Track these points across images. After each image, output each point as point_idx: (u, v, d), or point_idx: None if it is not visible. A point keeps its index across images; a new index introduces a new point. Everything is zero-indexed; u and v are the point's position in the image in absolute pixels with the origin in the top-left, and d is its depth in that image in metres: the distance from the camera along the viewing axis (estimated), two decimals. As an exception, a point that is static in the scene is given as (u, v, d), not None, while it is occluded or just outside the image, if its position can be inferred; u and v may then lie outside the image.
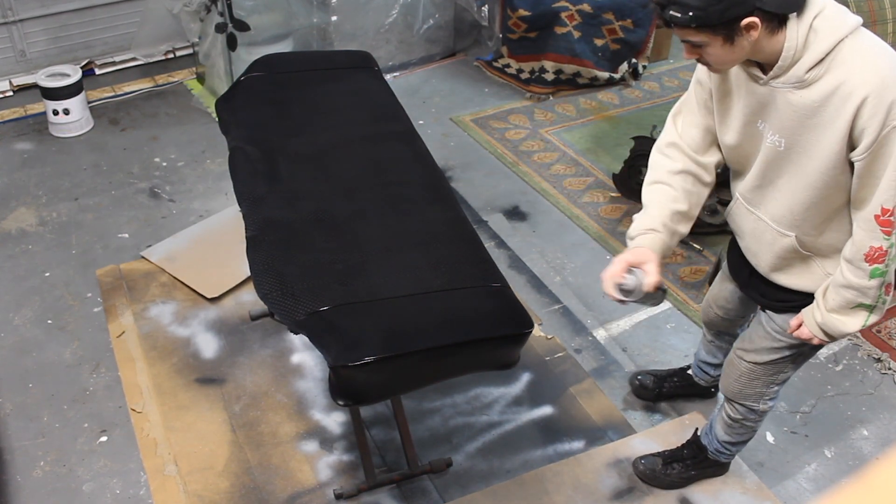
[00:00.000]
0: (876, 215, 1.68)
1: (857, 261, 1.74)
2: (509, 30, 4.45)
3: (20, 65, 4.18)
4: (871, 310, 1.80)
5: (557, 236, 3.39)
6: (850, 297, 1.79)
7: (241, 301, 2.98)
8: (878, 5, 3.13)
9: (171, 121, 4.02)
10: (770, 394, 2.13)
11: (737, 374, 2.12)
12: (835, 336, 1.85)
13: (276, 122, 2.45)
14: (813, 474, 2.48)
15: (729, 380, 2.16)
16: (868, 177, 1.66)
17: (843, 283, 1.78)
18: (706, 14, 1.53)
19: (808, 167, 1.72)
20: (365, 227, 2.13)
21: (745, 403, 2.15)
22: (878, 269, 1.73)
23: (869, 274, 1.74)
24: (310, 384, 2.68)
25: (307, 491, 2.36)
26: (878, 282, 1.75)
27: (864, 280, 1.75)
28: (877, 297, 1.78)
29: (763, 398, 2.13)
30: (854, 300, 1.79)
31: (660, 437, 2.52)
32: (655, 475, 2.40)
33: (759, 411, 2.16)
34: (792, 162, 1.75)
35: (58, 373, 2.71)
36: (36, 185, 3.56)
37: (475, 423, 2.58)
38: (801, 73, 1.62)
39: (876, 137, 1.59)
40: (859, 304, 1.79)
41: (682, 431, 2.52)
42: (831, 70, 1.61)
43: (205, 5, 3.90)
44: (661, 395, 2.65)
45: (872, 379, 2.79)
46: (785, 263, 1.91)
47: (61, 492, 2.35)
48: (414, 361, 1.86)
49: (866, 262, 1.73)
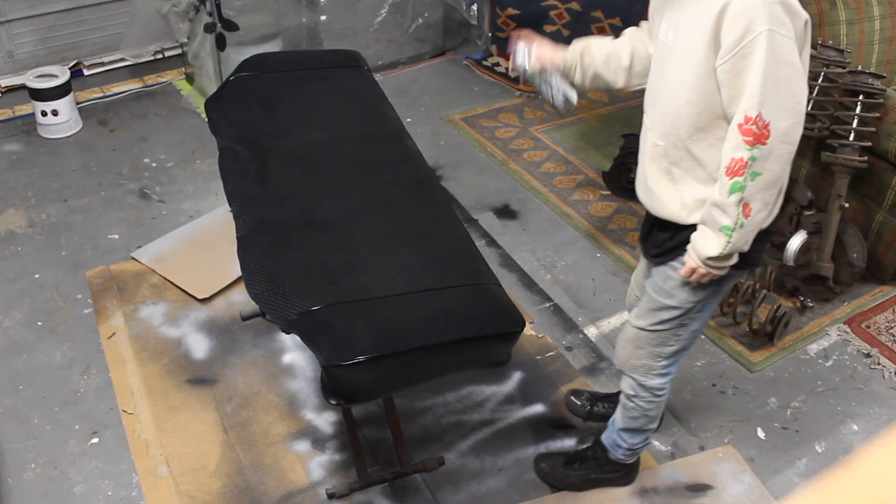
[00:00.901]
0: (739, 124, 1.65)
1: (721, 174, 1.71)
2: (498, 28, 4.45)
3: (8, 66, 4.16)
4: (730, 233, 1.74)
5: (548, 234, 3.40)
6: (713, 214, 1.75)
7: (231, 301, 2.98)
8: (866, 2, 3.14)
9: (161, 121, 4.01)
10: (657, 368, 2.10)
11: (624, 341, 2.13)
12: (702, 258, 1.79)
13: (266, 122, 2.45)
14: (804, 469, 2.49)
15: (618, 347, 2.16)
16: (732, 87, 1.64)
17: (710, 199, 1.75)
18: None
19: (685, 66, 1.71)
20: (356, 227, 2.13)
21: (634, 376, 2.12)
22: (737, 183, 1.68)
23: (729, 188, 1.69)
24: (301, 384, 2.68)
25: (299, 491, 2.36)
26: (737, 198, 1.69)
27: (725, 196, 1.70)
28: (735, 218, 1.72)
29: (651, 372, 2.10)
30: (716, 219, 1.74)
31: (690, 469, 2.45)
32: (555, 474, 2.36)
33: (649, 387, 2.12)
34: (674, 60, 1.75)
35: (48, 374, 2.70)
36: (25, 186, 3.55)
37: (467, 421, 2.59)
38: None
39: (736, 43, 1.60)
40: (722, 227, 1.74)
41: (714, 464, 2.46)
42: None
43: (193, 5, 3.89)
44: (593, 415, 2.55)
45: (862, 374, 2.80)
46: (654, 182, 1.89)
47: (53, 494, 2.35)
48: (406, 360, 1.87)
49: (727, 176, 1.69)
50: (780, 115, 1.63)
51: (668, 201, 1.88)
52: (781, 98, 1.63)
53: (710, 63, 1.66)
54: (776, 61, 1.60)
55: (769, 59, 1.59)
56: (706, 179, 1.80)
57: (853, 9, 3.12)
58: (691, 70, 1.70)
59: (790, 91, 1.63)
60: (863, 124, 2.89)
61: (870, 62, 3.17)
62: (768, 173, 1.68)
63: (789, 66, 1.62)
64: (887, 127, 2.87)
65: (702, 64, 1.67)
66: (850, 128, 2.90)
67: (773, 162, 1.67)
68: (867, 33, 3.14)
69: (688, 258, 1.84)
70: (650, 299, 2.03)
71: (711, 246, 1.77)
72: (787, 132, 1.65)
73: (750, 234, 1.76)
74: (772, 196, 1.74)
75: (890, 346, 2.89)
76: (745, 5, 1.58)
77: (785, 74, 1.62)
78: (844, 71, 2.92)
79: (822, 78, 2.94)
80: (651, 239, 2.01)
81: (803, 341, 2.92)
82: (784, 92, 1.63)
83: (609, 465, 2.33)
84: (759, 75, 1.60)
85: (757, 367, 2.80)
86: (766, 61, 1.59)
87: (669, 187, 1.87)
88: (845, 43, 3.10)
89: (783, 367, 2.82)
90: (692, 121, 1.75)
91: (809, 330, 2.97)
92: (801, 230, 3.00)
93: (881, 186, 2.98)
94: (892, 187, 2.95)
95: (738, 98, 1.64)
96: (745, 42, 1.59)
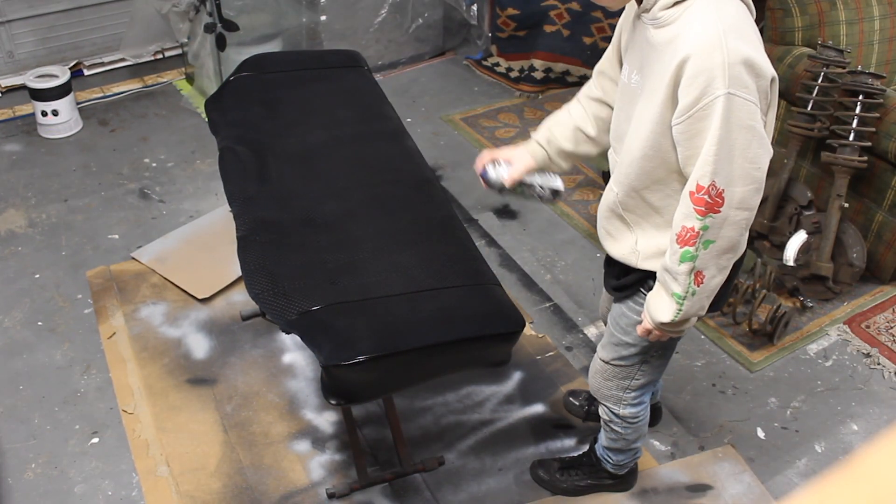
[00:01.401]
0: (691, 191, 1.55)
1: (672, 241, 1.62)
2: (498, 28, 4.45)
3: (8, 66, 4.16)
4: (681, 301, 1.65)
5: (548, 234, 3.40)
6: (665, 278, 1.67)
7: (232, 301, 2.98)
8: (865, 2, 3.14)
9: (161, 121, 4.01)
10: (627, 399, 2.07)
11: (593, 371, 2.10)
12: (655, 323, 1.73)
13: (266, 122, 2.45)
14: (803, 469, 2.49)
15: (590, 375, 2.13)
16: (688, 148, 1.54)
17: (663, 262, 1.67)
18: None
19: (645, 116, 1.61)
20: (356, 227, 2.13)
21: (606, 405, 2.10)
22: (688, 253, 1.59)
23: (679, 257, 1.61)
24: (301, 384, 2.68)
25: (299, 490, 2.36)
26: (688, 267, 1.60)
27: (675, 264, 1.62)
28: (686, 287, 1.63)
29: (621, 402, 2.07)
30: (668, 284, 1.66)
31: (689, 469, 2.45)
32: (551, 480, 2.35)
33: (622, 416, 2.10)
34: (637, 105, 1.65)
35: (49, 374, 2.70)
36: (25, 186, 3.55)
37: (467, 421, 2.59)
38: (657, 10, 1.54)
39: (692, 105, 1.49)
40: (674, 293, 1.66)
41: (714, 464, 2.46)
42: (683, 18, 1.51)
43: (193, 5, 3.89)
44: (591, 415, 2.56)
45: (862, 374, 2.80)
46: (609, 223, 1.83)
47: (53, 494, 2.35)
48: (406, 360, 1.87)
49: (677, 244, 1.60)
50: (736, 182, 1.53)
51: (621, 242, 1.82)
52: (738, 165, 1.52)
53: (666, 119, 1.57)
54: (734, 127, 1.48)
55: (725, 126, 1.48)
56: (664, 226, 1.73)
57: (853, 9, 3.12)
58: (648, 124, 1.61)
59: (748, 157, 1.52)
60: (863, 124, 2.89)
61: (870, 62, 3.17)
62: (723, 240, 1.59)
63: (748, 132, 1.50)
64: (887, 127, 2.87)
65: (657, 120, 1.58)
66: (849, 128, 2.90)
67: (728, 229, 1.58)
68: (867, 33, 3.14)
69: (644, 317, 1.79)
70: (610, 332, 1.99)
71: (664, 312, 1.70)
72: (744, 199, 1.55)
73: (705, 300, 1.68)
74: (728, 261, 1.64)
75: (890, 346, 2.89)
76: (705, 64, 1.46)
77: (743, 140, 1.50)
78: (844, 71, 2.93)
79: (822, 78, 2.94)
80: (609, 270, 1.96)
81: (803, 341, 2.92)
82: (741, 159, 1.51)
83: (603, 472, 2.32)
84: (714, 142, 1.49)
85: (757, 367, 2.80)
86: (721, 128, 1.48)
87: (624, 229, 1.81)
88: (845, 43, 3.10)
89: (783, 367, 2.82)
90: (648, 174, 1.68)
91: (809, 330, 2.97)
92: (801, 230, 3.00)
93: (881, 186, 2.98)
94: (891, 187, 2.95)
95: (692, 160, 1.55)
96: (701, 104, 1.48)
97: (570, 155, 1.97)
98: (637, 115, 1.66)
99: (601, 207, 1.86)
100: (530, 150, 1.97)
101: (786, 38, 3.17)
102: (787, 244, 2.97)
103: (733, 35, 1.47)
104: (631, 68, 1.68)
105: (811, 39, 3.13)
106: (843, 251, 3.00)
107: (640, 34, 1.63)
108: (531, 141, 1.99)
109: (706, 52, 1.46)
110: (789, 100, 3.14)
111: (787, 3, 3.12)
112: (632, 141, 1.68)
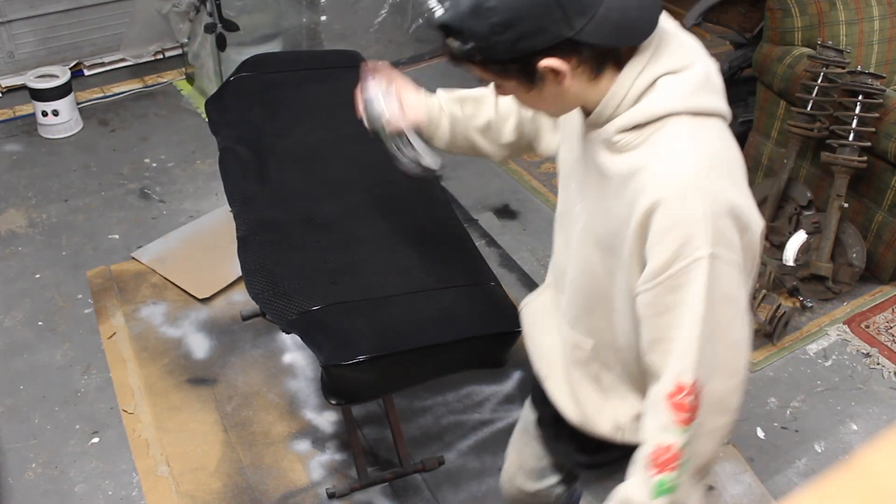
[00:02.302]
0: (668, 393, 1.12)
1: (638, 465, 1.18)
2: (498, 29, 4.44)
3: (8, 66, 4.16)
4: None
5: (548, 234, 3.37)
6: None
7: (232, 301, 2.98)
8: (865, 2, 3.15)
9: (161, 121, 4.01)
10: None
11: None
12: None
13: (266, 122, 2.45)
14: (803, 469, 2.49)
15: None
16: (655, 329, 1.14)
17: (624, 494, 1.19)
18: (489, 45, 1.07)
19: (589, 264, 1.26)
20: (356, 227, 2.14)
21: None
22: (663, 484, 1.14)
23: (652, 490, 1.14)
24: (301, 384, 2.68)
25: (300, 490, 2.36)
26: (664, 501, 1.15)
27: (646, 499, 1.15)
28: None
29: None
30: None
31: None
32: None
33: None
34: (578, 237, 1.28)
35: (49, 374, 2.70)
36: (25, 186, 3.55)
37: (467, 421, 2.59)
38: (612, 132, 1.14)
39: (664, 268, 1.09)
40: None
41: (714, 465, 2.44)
42: (647, 144, 1.12)
43: (194, 6, 3.89)
44: None
45: (861, 374, 2.81)
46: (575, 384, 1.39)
47: (53, 493, 2.35)
48: (406, 360, 1.87)
49: (648, 471, 1.15)
50: (716, 376, 1.14)
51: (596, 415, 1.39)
52: (719, 352, 1.13)
53: (629, 279, 1.17)
54: (718, 301, 1.10)
55: (709, 300, 1.09)
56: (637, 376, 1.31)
57: (853, 9, 3.12)
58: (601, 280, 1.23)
59: (730, 341, 1.14)
60: (862, 124, 2.89)
61: (869, 62, 3.17)
62: (697, 458, 1.17)
63: (731, 306, 1.12)
64: (887, 127, 2.87)
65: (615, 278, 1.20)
66: (849, 128, 2.90)
67: (704, 441, 1.16)
68: (867, 34, 3.15)
69: None
70: None
71: None
72: (724, 398, 1.16)
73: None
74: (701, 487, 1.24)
75: (889, 346, 2.89)
76: (680, 215, 1.07)
77: (725, 318, 1.12)
78: (844, 71, 2.93)
79: (822, 78, 2.94)
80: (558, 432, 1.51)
81: (803, 341, 2.92)
82: (722, 343, 1.13)
83: None
84: (696, 323, 1.09)
85: (757, 367, 2.81)
86: (704, 303, 1.09)
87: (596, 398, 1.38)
88: (845, 43, 3.10)
89: (783, 366, 2.83)
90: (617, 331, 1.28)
91: (809, 330, 2.97)
92: (801, 230, 3.00)
93: (881, 186, 2.98)
94: (891, 187, 2.95)
95: (660, 347, 1.14)
96: (676, 269, 1.08)
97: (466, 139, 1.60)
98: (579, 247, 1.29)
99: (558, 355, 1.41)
100: (428, 106, 1.59)
101: (785, 39, 3.18)
102: (787, 244, 2.97)
103: (716, 172, 1.09)
104: (576, 188, 1.28)
105: (811, 39, 3.13)
106: (842, 251, 3.00)
107: (589, 155, 1.22)
108: (433, 100, 1.61)
109: (681, 197, 1.07)
110: (789, 100, 3.15)
111: (787, 4, 3.12)
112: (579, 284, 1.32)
